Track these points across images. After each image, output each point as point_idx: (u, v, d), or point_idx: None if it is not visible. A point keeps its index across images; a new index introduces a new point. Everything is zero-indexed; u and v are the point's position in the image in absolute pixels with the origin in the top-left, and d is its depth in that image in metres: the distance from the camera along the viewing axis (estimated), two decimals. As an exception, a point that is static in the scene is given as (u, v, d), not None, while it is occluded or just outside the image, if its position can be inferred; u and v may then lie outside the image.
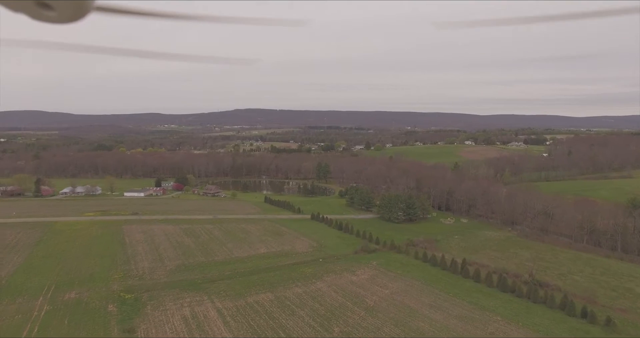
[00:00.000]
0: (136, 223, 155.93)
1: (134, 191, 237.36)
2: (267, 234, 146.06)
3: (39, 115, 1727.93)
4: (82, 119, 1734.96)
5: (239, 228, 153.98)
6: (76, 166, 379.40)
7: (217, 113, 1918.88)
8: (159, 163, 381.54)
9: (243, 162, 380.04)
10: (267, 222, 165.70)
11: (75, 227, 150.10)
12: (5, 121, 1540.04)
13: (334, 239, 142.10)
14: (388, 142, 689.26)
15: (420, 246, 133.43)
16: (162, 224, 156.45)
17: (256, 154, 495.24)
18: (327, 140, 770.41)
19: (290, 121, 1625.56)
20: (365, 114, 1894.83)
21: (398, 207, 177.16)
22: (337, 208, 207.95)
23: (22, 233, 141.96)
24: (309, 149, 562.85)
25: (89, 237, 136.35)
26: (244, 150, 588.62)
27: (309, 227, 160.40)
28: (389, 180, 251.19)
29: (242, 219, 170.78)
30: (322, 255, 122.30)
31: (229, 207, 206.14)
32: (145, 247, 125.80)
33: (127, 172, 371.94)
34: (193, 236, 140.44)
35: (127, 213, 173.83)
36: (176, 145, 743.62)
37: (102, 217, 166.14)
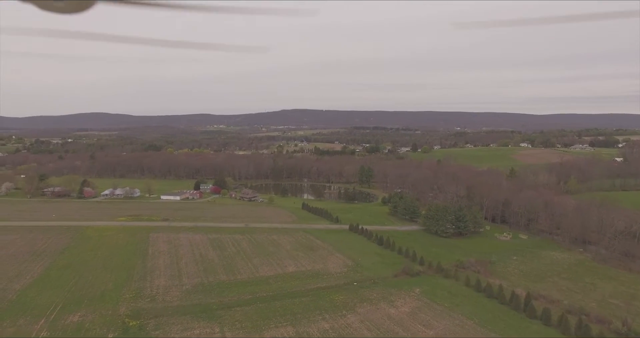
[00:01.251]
0: (164, 231, 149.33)
1: (170, 194, 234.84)
2: (299, 248, 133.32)
3: (103, 117, 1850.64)
4: (140, 120, 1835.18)
5: (269, 240, 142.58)
6: (124, 166, 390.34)
7: (264, 113, 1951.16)
8: (201, 164, 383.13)
9: (284, 165, 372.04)
10: (301, 233, 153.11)
11: (104, 233, 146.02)
12: (74, 123, 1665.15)
13: (372, 257, 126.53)
14: (436, 143, 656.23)
15: (472, 269, 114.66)
16: (190, 233, 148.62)
17: (298, 156, 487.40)
18: (372, 141, 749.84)
19: (336, 122, 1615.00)
20: (413, 114, 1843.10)
21: (446, 219, 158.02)
22: (378, 218, 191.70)
23: (53, 238, 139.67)
24: (353, 151, 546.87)
25: (114, 245, 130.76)
26: (287, 152, 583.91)
27: (345, 240, 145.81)
28: (436, 187, 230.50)
29: (274, 229, 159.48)
30: (357, 278, 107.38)
31: (264, 213, 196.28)
32: (166, 259, 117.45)
33: (171, 173, 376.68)
34: (219, 248, 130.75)
35: (158, 219, 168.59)
36: (222, 146, 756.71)
37: (133, 223, 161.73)
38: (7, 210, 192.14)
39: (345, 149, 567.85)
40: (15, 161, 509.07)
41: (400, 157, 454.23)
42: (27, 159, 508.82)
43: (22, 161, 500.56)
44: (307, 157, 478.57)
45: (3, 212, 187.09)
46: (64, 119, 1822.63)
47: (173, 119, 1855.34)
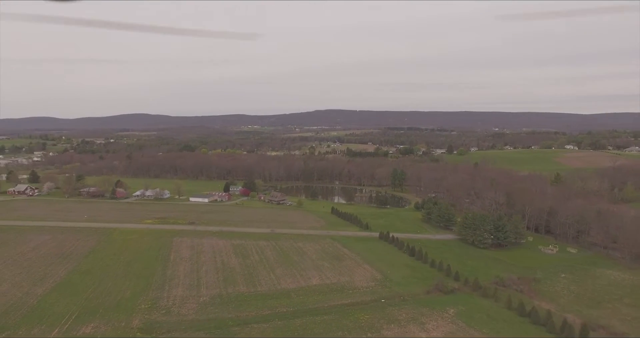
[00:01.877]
0: (188, 236, 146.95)
1: (199, 196, 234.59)
2: (325, 258, 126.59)
3: (144, 118, 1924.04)
4: (178, 120, 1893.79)
5: (294, 247, 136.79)
6: (158, 167, 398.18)
7: (297, 114, 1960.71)
8: (232, 165, 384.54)
9: (315, 167, 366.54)
10: (328, 241, 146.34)
11: (129, 236, 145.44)
12: (117, 123, 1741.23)
13: (402, 269, 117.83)
14: (473, 145, 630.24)
15: (514, 287, 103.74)
16: (214, 238, 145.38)
17: (329, 157, 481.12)
18: (406, 143, 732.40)
19: (369, 122, 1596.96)
20: (448, 114, 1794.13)
21: (484, 228, 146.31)
22: (410, 225, 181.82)
23: (81, 240, 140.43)
24: (386, 152, 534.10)
25: (137, 250, 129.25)
26: (319, 153, 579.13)
27: (375, 249, 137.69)
28: (473, 193, 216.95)
29: (300, 235, 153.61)
30: (385, 293, 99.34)
31: (292, 218, 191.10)
32: (187, 267, 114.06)
33: (203, 174, 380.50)
34: (242, 255, 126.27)
35: (184, 223, 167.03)
36: (255, 146, 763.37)
37: (159, 226, 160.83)
38: (45, 209, 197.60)
39: (378, 150, 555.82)
40: (62, 160, 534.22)
41: (435, 160, 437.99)
42: (73, 158, 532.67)
43: (68, 160, 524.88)
44: (338, 158, 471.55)
45: (42, 211, 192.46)
46: (109, 119, 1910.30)
47: (209, 119, 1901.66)
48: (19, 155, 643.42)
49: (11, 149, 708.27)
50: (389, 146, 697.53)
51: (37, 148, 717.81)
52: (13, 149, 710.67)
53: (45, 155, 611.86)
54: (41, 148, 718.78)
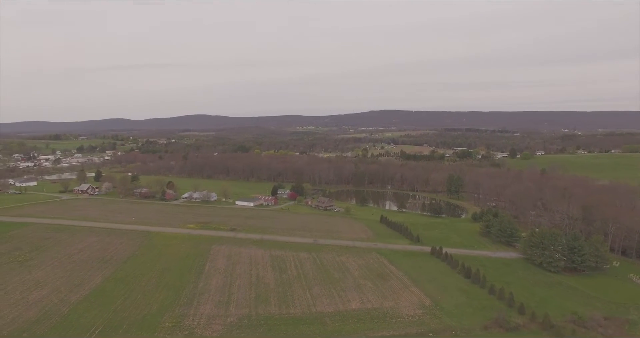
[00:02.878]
0: (227, 244, 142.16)
1: (245, 200, 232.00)
2: (368, 276, 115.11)
3: (204, 119, 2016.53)
4: (235, 121, 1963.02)
5: (336, 262, 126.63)
6: (211, 167, 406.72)
7: (352, 114, 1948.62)
8: (282, 167, 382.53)
9: (366, 170, 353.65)
10: (374, 255, 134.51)
11: (170, 241, 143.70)
12: (180, 124, 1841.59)
13: (456, 295, 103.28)
14: (539, 148, 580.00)
15: (599, 330, 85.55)
16: (254, 247, 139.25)
17: (382, 160, 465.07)
18: (464, 145, 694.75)
19: (425, 123, 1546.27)
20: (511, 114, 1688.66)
21: (556, 248, 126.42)
22: (467, 238, 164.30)
23: (124, 244, 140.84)
24: (442, 156, 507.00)
25: (174, 257, 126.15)
26: (372, 155, 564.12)
27: (425, 268, 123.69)
28: (540, 204, 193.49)
29: (344, 248, 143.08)
30: (434, 326, 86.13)
31: (337, 227, 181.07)
32: (220, 280, 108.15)
33: (253, 175, 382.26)
34: (279, 269, 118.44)
35: (226, 229, 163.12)
36: (308, 147, 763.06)
37: (200, 231, 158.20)
38: (99, 209, 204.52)
39: (434, 153, 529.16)
40: (127, 159, 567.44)
41: (496, 164, 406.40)
42: (136, 157, 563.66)
43: (132, 159, 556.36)
44: (391, 161, 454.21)
45: (96, 211, 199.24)
46: (173, 120, 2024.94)
47: (265, 119, 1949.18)
48: (94, 154, 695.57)
49: (88, 148, 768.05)
50: (445, 148, 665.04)
51: (108, 147, 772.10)
52: (89, 148, 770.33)
53: (114, 154, 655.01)
54: (111, 147, 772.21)
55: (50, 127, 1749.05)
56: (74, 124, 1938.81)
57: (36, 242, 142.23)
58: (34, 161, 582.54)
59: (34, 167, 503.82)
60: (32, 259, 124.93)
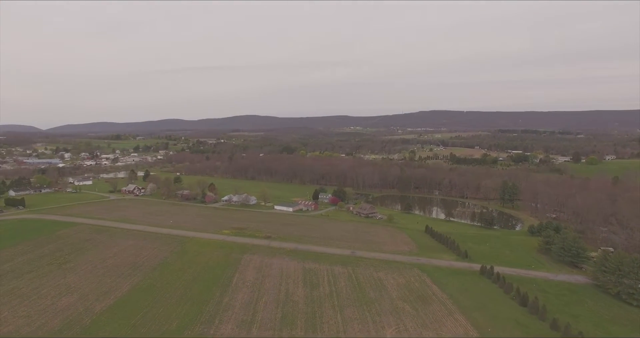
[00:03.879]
0: (260, 253, 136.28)
1: (284, 205, 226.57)
2: (408, 297, 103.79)
3: (253, 119, 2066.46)
4: (284, 121, 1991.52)
5: (374, 279, 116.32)
6: (255, 169, 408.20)
7: (401, 115, 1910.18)
8: (326, 170, 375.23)
9: (412, 174, 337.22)
10: (416, 273, 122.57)
11: (202, 248, 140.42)
12: (230, 124, 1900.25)
13: (509, 328, 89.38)
14: (608, 152, 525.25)
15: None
16: (286, 258, 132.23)
17: (430, 164, 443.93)
18: (520, 148, 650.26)
19: (477, 124, 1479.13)
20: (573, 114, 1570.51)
21: (637, 275, 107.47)
22: (523, 255, 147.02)
23: (157, 249, 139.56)
24: (495, 160, 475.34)
25: (204, 266, 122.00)
26: (420, 158, 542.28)
27: (473, 290, 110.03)
28: (613, 220, 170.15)
29: (384, 262, 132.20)
30: (482, 367, 73.67)
31: (378, 236, 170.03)
32: (246, 295, 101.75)
33: (296, 177, 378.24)
34: (310, 284, 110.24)
35: (260, 236, 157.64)
36: (355, 149, 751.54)
37: (234, 238, 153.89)
38: (141, 211, 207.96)
39: (486, 157, 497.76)
40: (177, 159, 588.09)
41: (557, 170, 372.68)
42: (186, 157, 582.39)
43: (181, 159, 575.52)
44: (440, 165, 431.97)
45: (137, 213, 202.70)
46: (224, 121, 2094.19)
47: (313, 120, 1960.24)
48: (148, 154, 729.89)
49: (143, 147, 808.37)
50: (498, 151, 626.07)
51: (161, 147, 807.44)
52: (145, 147, 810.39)
53: (166, 154, 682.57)
54: (164, 147, 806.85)
55: (114, 127, 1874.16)
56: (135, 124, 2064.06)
57: (77, 243, 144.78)
58: (95, 160, 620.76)
59: (95, 166, 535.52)
60: (70, 262, 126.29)
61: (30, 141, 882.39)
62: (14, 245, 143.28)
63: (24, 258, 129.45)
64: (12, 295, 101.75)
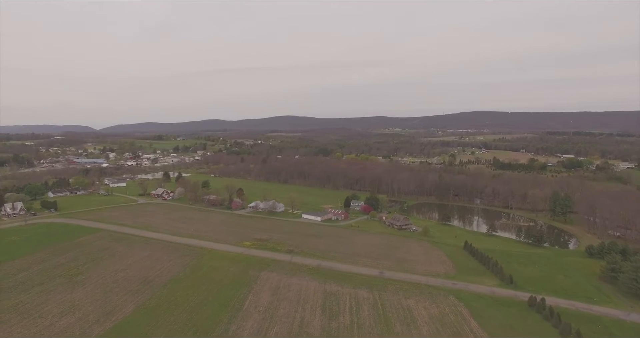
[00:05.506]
0: (279, 271, 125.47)
1: (312, 213, 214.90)
2: (441, 335, 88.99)
3: (291, 120, 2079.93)
4: (322, 122, 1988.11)
5: (402, 308, 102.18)
6: (288, 172, 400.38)
7: (442, 116, 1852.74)
8: (360, 175, 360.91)
9: (451, 181, 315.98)
10: (451, 301, 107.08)
11: (218, 263, 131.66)
12: (269, 124, 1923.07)
13: (567, 385, 72.73)
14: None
15: None
16: (307, 277, 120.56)
17: (471, 169, 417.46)
18: (572, 152, 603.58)
19: (524, 125, 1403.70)
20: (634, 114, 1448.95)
21: None
22: (581, 283, 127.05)
23: (172, 262, 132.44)
24: (544, 165, 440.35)
25: (217, 285, 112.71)
26: (460, 162, 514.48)
27: (520, 330, 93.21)
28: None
29: (415, 286, 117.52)
30: None
31: (411, 253, 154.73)
32: (256, 323, 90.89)
33: (330, 182, 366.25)
34: (329, 312, 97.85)
35: (282, 250, 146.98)
36: (392, 151, 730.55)
37: (254, 251, 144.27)
38: (164, 217, 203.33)
39: (534, 162, 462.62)
40: (214, 160, 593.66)
41: (617, 178, 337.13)
42: (221, 159, 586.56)
43: (217, 161, 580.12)
44: (482, 171, 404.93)
45: (160, 219, 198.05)
46: (263, 121, 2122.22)
47: (351, 121, 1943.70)
48: (186, 154, 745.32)
49: (182, 148, 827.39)
50: (547, 155, 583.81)
51: (199, 148, 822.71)
52: (184, 148, 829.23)
53: (204, 155, 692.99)
54: (202, 148, 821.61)
55: (159, 127, 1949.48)
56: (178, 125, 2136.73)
57: (94, 252, 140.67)
58: (137, 160, 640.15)
59: (135, 166, 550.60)
60: (82, 273, 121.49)
61: (82, 141, 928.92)
62: (34, 252, 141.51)
63: (39, 268, 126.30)
64: (15, 311, 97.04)
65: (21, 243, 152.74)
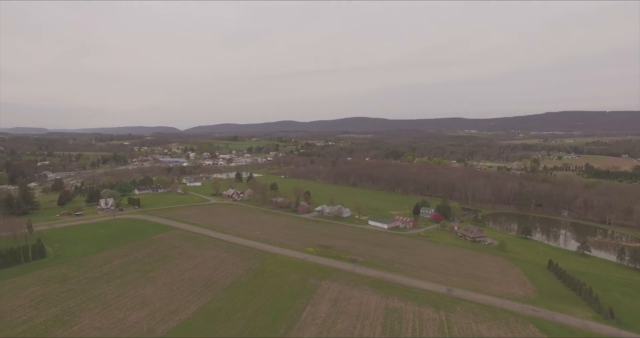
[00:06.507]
0: (340, 281, 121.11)
1: (379, 220, 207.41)
2: (517, 371, 78.23)
3: (363, 121, 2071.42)
4: (394, 123, 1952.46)
5: (472, 333, 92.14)
6: (356, 175, 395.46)
7: (523, 117, 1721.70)
8: (431, 180, 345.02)
9: (534, 190, 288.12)
10: (532, 332, 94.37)
11: (280, 268, 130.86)
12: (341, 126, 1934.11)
13: None
14: None
15: None
16: (369, 290, 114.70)
17: (558, 176, 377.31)
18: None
19: (625, 126, 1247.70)
20: None
21: None
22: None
23: (236, 265, 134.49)
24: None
25: (276, 292, 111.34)
26: (545, 168, 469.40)
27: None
28: None
29: (488, 308, 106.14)
30: None
31: (485, 270, 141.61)
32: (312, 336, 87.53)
33: (399, 186, 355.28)
34: (390, 331, 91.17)
35: (345, 258, 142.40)
36: (467, 155, 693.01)
37: (317, 258, 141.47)
38: (233, 219, 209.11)
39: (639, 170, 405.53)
40: (285, 161, 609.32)
41: None
42: (292, 160, 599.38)
43: (288, 162, 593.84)
44: (571, 178, 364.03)
45: (229, 220, 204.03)
46: (335, 122, 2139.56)
47: (424, 122, 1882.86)
48: (259, 155, 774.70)
49: (256, 149, 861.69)
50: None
51: (272, 149, 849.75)
52: (257, 149, 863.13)
53: (276, 156, 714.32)
54: (274, 149, 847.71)
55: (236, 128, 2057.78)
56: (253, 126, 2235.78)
57: (165, 250, 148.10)
58: (214, 160, 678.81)
59: (212, 166, 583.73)
60: (154, 270, 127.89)
61: (168, 141, 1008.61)
62: (118, 246, 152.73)
63: (120, 262, 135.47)
64: (98, 301, 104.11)
65: (108, 236, 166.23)
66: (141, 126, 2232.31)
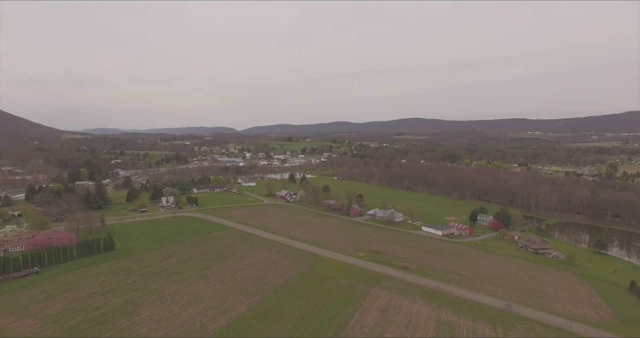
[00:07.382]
0: (390, 289, 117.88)
1: (432, 227, 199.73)
2: None
3: (419, 122, 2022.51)
4: (451, 124, 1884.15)
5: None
6: (410, 178, 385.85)
7: (597, 117, 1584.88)
8: (490, 185, 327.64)
9: (610, 199, 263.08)
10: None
11: (330, 272, 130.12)
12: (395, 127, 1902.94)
13: None
14: None
15: None
16: (420, 300, 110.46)
17: (639, 185, 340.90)
18: None
19: None
20: None
21: None
22: None
23: (286, 266, 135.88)
24: None
25: (324, 297, 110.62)
26: (624, 174, 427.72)
27: None
28: None
29: (554, 330, 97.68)
30: None
31: (549, 286, 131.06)
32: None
33: (455, 191, 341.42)
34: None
35: (396, 265, 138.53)
36: (530, 158, 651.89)
37: (367, 264, 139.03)
38: (285, 220, 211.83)
39: None
40: (338, 162, 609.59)
41: None
42: (345, 161, 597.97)
43: (341, 163, 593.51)
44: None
45: (281, 221, 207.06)
46: (390, 123, 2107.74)
47: (483, 123, 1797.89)
48: (313, 156, 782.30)
49: (310, 150, 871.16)
50: None
51: (325, 150, 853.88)
52: (311, 150, 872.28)
53: (329, 157, 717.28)
54: (328, 150, 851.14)
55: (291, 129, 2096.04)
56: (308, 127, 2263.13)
57: (219, 249, 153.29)
58: (269, 160, 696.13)
59: (267, 166, 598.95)
60: (208, 268, 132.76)
61: (226, 141, 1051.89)
62: (176, 243, 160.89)
63: (178, 258, 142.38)
64: (157, 294, 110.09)
65: (168, 233, 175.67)
66: (202, 126, 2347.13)
